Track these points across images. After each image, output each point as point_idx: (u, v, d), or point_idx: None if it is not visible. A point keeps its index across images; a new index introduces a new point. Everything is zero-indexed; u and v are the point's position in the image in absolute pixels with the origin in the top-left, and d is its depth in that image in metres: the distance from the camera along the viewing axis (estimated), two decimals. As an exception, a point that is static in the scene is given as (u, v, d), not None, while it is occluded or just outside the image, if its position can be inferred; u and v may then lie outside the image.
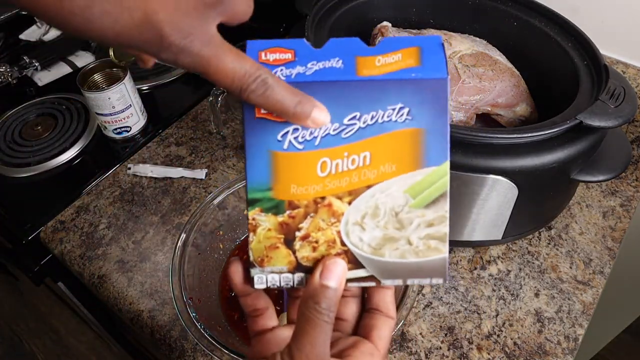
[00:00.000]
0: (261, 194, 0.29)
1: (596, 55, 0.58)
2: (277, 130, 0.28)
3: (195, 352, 0.58)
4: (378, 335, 0.31)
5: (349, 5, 0.67)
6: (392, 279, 0.30)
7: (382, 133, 0.28)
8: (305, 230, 0.30)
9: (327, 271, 0.29)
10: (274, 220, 0.30)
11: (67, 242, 0.70)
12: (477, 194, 0.55)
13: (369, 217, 0.29)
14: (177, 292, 0.50)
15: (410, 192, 0.29)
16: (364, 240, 0.30)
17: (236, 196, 0.59)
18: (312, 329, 0.28)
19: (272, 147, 0.29)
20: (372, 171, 0.29)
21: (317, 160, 0.29)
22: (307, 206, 0.29)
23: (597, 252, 0.67)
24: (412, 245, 0.29)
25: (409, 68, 0.28)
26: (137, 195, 0.75)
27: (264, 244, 0.30)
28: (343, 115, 0.28)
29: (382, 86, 0.28)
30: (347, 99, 0.28)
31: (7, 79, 0.92)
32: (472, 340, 0.59)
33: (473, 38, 0.67)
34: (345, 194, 0.29)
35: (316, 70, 0.28)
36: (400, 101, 0.28)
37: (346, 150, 0.29)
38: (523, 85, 0.64)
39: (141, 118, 0.84)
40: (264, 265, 0.30)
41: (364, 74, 0.28)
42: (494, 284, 0.64)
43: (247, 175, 0.29)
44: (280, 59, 0.28)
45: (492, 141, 0.51)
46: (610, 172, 0.57)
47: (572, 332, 0.60)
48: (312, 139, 0.28)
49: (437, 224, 0.29)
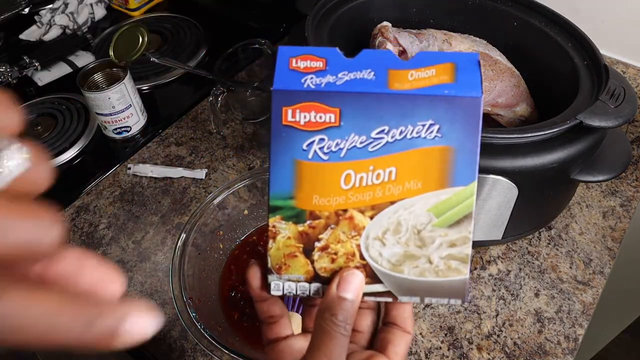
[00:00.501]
0: (283, 202, 0.29)
1: (596, 55, 0.58)
2: (304, 139, 0.28)
3: (195, 352, 0.58)
4: (394, 350, 0.31)
5: (349, 5, 0.67)
6: (409, 296, 0.30)
7: (410, 149, 0.28)
8: (324, 241, 0.30)
9: (345, 283, 0.28)
10: (294, 229, 0.29)
11: (67, 242, 0.70)
12: (477, 194, 0.55)
13: (390, 233, 0.29)
14: (177, 292, 0.50)
15: (434, 210, 0.28)
16: (384, 256, 0.29)
17: (236, 196, 0.59)
18: (329, 340, 0.27)
19: (297, 156, 0.28)
20: (397, 187, 0.28)
21: (341, 173, 0.28)
22: (328, 217, 0.29)
23: (597, 252, 0.67)
24: (433, 264, 0.29)
25: (442, 84, 0.27)
26: (137, 195, 0.75)
27: (282, 251, 0.30)
28: (371, 129, 0.28)
29: (413, 101, 0.27)
30: (376, 112, 0.27)
31: (7, 79, 0.92)
32: (472, 340, 0.59)
33: (473, 38, 0.67)
34: (367, 208, 0.29)
35: (347, 80, 0.27)
36: (431, 118, 0.27)
37: (372, 164, 0.28)
38: (523, 85, 0.64)
39: (141, 118, 0.84)
40: (281, 272, 0.30)
41: (396, 87, 0.27)
42: (494, 284, 0.64)
43: (270, 182, 0.29)
44: (311, 67, 0.28)
45: (492, 141, 0.51)
46: (610, 172, 0.57)
47: (572, 332, 0.60)
48: (337, 150, 0.28)
49: (460, 245, 0.29)
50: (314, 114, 0.28)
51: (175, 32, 1.03)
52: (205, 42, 1.00)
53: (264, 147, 0.81)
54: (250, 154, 0.80)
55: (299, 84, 0.28)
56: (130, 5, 1.08)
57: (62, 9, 1.05)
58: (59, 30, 1.04)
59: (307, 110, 0.28)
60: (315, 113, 0.28)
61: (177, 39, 1.02)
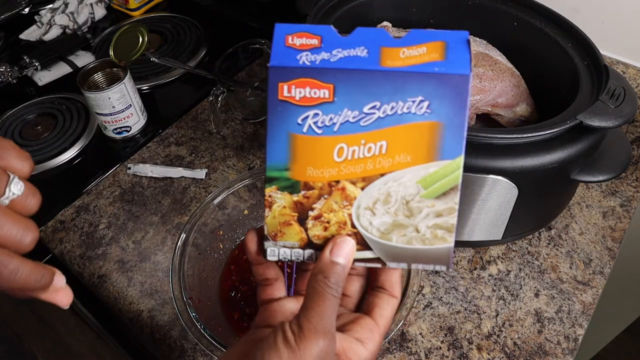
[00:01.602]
0: (279, 173, 0.31)
1: (596, 55, 0.58)
2: (299, 113, 0.29)
3: (195, 352, 0.58)
4: (380, 313, 0.33)
5: (349, 5, 0.67)
6: (397, 262, 0.32)
7: (400, 124, 0.29)
8: (318, 211, 0.31)
9: (337, 248, 0.30)
10: (289, 198, 0.31)
11: (67, 242, 0.70)
12: (477, 194, 0.55)
13: (380, 203, 0.30)
14: (177, 292, 0.50)
15: (422, 182, 0.30)
16: (374, 225, 0.31)
17: (236, 196, 0.59)
18: (322, 301, 0.29)
19: (292, 130, 0.30)
20: (387, 160, 0.30)
21: (334, 146, 0.30)
22: (321, 188, 0.31)
23: (597, 252, 0.67)
24: (420, 233, 0.31)
25: (432, 62, 0.28)
26: (137, 195, 0.75)
27: (278, 220, 0.31)
28: (364, 104, 0.29)
29: (404, 78, 0.28)
30: (368, 88, 0.28)
31: (7, 78, 0.92)
32: (472, 341, 0.59)
33: (473, 38, 0.67)
34: (359, 179, 0.30)
35: (341, 57, 0.28)
36: (421, 94, 0.28)
37: (363, 138, 0.29)
38: (523, 85, 0.64)
39: (141, 118, 0.84)
40: (277, 239, 0.32)
41: (388, 64, 0.28)
42: (494, 284, 0.64)
43: (267, 154, 0.30)
44: (307, 44, 0.29)
45: (492, 141, 0.51)
46: (610, 172, 0.57)
47: (572, 332, 0.60)
48: (331, 124, 0.29)
49: (446, 215, 0.30)
50: (308, 90, 0.29)
51: (175, 32, 1.03)
52: (205, 42, 1.00)
53: (264, 147, 0.81)
54: (250, 154, 0.80)
55: (294, 61, 0.29)
56: (130, 5, 1.08)
57: (62, 8, 1.05)
58: (59, 30, 1.04)
59: (302, 86, 0.29)
60: (310, 89, 0.29)
61: (177, 39, 1.02)
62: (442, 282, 0.64)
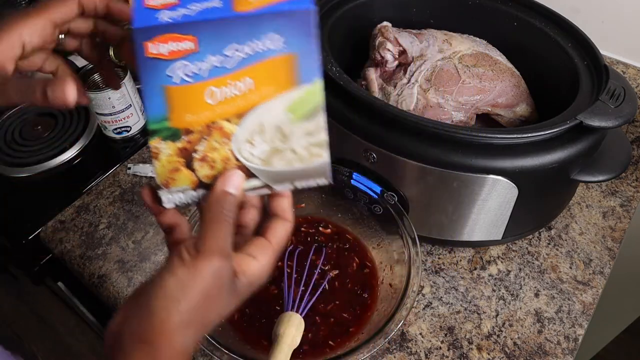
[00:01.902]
0: (159, 124, 0.33)
1: (596, 55, 0.58)
2: (166, 67, 0.32)
3: (195, 352, 0.58)
4: (272, 233, 0.35)
5: (349, 5, 0.67)
6: (282, 185, 0.34)
7: (261, 60, 0.32)
8: (202, 152, 0.33)
9: (228, 180, 0.33)
10: (173, 146, 0.33)
11: (67, 241, 0.70)
12: (477, 194, 0.55)
13: (256, 134, 0.33)
14: (177, 292, 0.50)
15: (290, 109, 0.33)
16: (255, 155, 0.33)
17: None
18: (217, 226, 0.32)
19: (164, 82, 0.32)
20: (256, 94, 0.32)
21: (204, 90, 0.32)
22: (201, 131, 0.33)
23: (597, 253, 0.67)
24: (297, 154, 0.33)
25: (280, 3, 0.31)
26: (137, 195, 0.75)
27: (167, 168, 0.33)
28: (224, 49, 0.31)
29: (257, 19, 0.31)
30: (227, 34, 0.31)
31: (7, 78, 0.92)
32: (472, 341, 0.59)
33: (473, 38, 0.67)
34: (233, 117, 0.33)
35: (198, 10, 0.31)
36: (275, 31, 0.31)
37: (230, 79, 0.32)
38: (523, 85, 0.64)
39: (141, 118, 0.84)
40: (169, 186, 0.34)
41: (240, 9, 0.31)
42: (494, 284, 0.64)
43: (145, 109, 0.33)
44: (165, 3, 0.32)
45: (492, 141, 0.51)
46: (610, 172, 0.57)
47: (572, 332, 0.60)
48: (199, 72, 0.32)
49: (316, 134, 0.33)
50: (172, 44, 0.31)
51: (175, 32, 1.03)
52: (205, 42, 1.00)
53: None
54: (250, 154, 0.80)
55: (155, 20, 0.31)
56: (130, 5, 1.08)
57: (62, 8, 1.05)
58: (59, 30, 1.03)
59: (165, 41, 0.31)
60: (173, 42, 0.31)
61: (177, 39, 1.02)
62: (442, 282, 0.64)
